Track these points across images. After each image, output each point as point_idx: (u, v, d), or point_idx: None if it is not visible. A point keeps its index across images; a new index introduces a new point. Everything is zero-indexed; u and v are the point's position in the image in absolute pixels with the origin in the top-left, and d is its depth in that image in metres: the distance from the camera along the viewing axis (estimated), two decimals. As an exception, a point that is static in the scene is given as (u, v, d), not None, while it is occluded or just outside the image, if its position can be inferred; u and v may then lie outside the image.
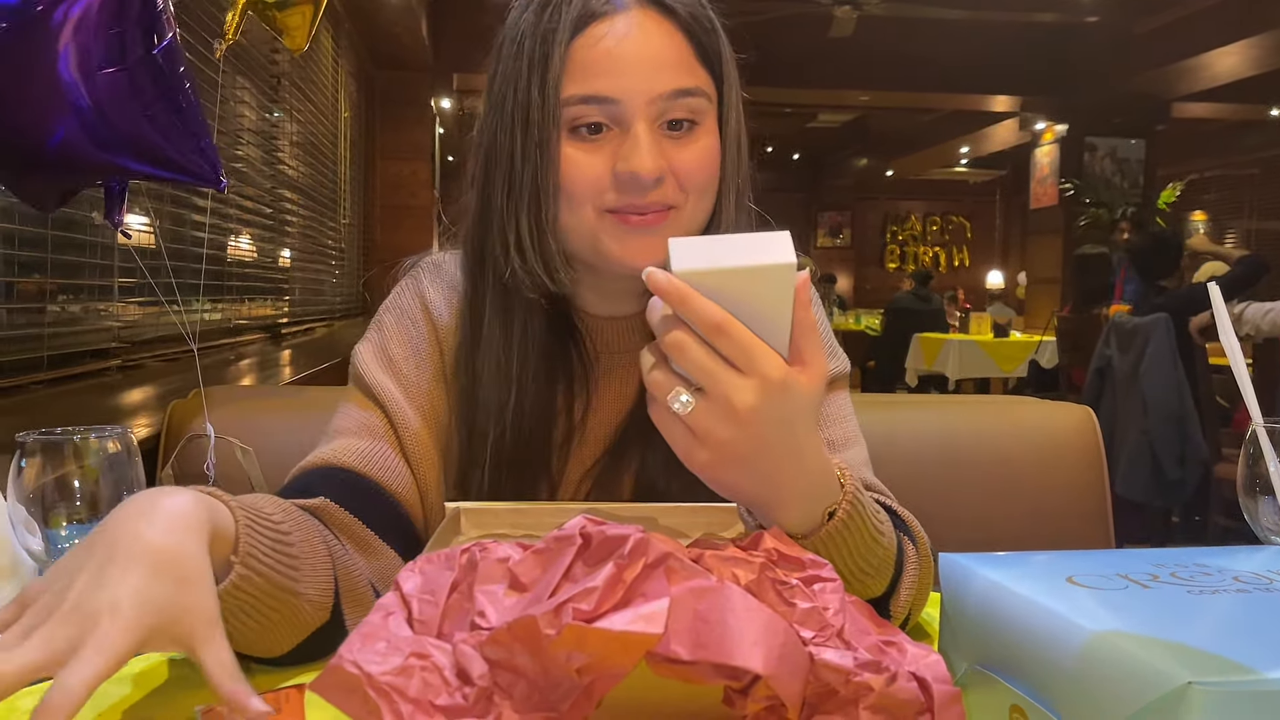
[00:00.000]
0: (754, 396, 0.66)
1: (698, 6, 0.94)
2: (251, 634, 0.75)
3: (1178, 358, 4.08)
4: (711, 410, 0.67)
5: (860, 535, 0.76)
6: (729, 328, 0.65)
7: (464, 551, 0.59)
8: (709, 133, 0.94)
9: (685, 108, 0.91)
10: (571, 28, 0.89)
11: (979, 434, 1.59)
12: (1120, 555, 0.69)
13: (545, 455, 0.99)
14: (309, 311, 5.19)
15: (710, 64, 0.94)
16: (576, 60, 0.89)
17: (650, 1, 0.91)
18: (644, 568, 0.53)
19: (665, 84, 0.89)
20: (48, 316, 2.20)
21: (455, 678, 0.52)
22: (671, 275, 0.65)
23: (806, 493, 0.73)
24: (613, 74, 0.89)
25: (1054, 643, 0.56)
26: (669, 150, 0.91)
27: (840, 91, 10.04)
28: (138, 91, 1.12)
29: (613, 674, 0.51)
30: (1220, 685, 0.47)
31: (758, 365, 0.66)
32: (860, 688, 0.53)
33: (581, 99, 0.89)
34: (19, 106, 1.09)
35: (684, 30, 0.92)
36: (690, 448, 0.69)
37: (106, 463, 0.85)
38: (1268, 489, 0.91)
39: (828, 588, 0.59)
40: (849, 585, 0.74)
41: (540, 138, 0.89)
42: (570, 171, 0.90)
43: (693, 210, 0.94)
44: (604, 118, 0.90)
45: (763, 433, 0.67)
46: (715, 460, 0.69)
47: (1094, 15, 8.33)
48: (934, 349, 8.15)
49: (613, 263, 0.93)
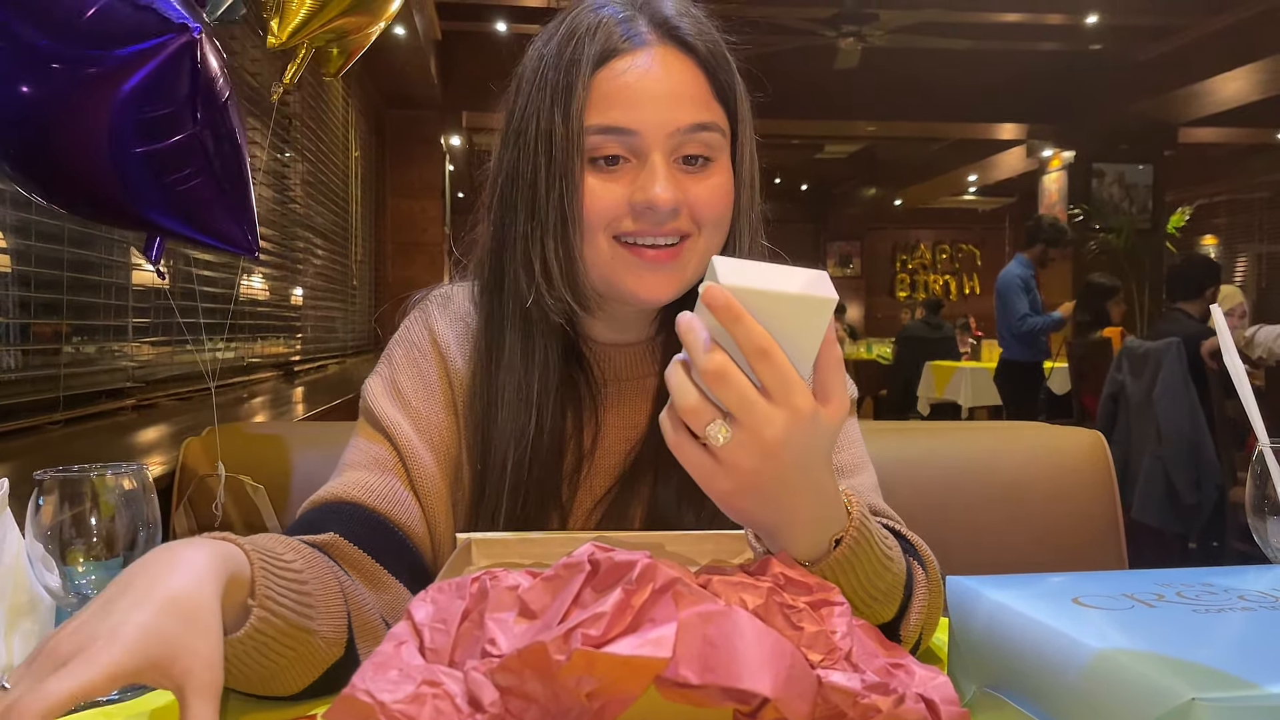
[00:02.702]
0: (784, 429, 0.66)
1: (716, 45, 0.96)
2: (268, 674, 0.76)
3: (1190, 382, 4.07)
4: (742, 442, 0.66)
5: (867, 561, 0.76)
6: (774, 354, 0.65)
7: (475, 580, 0.60)
8: (723, 168, 0.95)
9: (701, 142, 0.93)
10: (595, 61, 0.91)
11: (991, 460, 1.60)
12: (1126, 576, 0.69)
13: (556, 483, 1.00)
14: (321, 349, 5.22)
15: (726, 101, 0.96)
16: (598, 92, 0.91)
17: (671, 38, 0.94)
18: (652, 593, 0.53)
19: (683, 118, 0.91)
20: (63, 357, 2.23)
21: (467, 705, 0.52)
22: (728, 292, 0.65)
23: (816, 521, 0.73)
24: (633, 107, 0.91)
25: (1060, 662, 0.56)
26: (684, 184, 0.93)
27: (847, 123, 10.09)
28: (191, 161, 1.15)
29: (622, 698, 0.51)
30: (1223, 700, 0.48)
31: (792, 397, 0.66)
32: (868, 710, 0.54)
33: (601, 129, 0.91)
34: (67, 152, 1.12)
35: (702, 67, 0.94)
36: (713, 476, 0.69)
37: (122, 500, 0.86)
38: (1276, 510, 0.91)
39: (835, 611, 0.60)
40: (857, 611, 0.74)
41: (564, 166, 0.91)
42: (591, 203, 0.92)
43: (706, 244, 0.95)
44: (622, 149, 0.92)
45: (785, 465, 0.67)
46: (736, 490, 0.69)
47: (1098, 43, 8.37)
48: (946, 377, 8.12)
49: (626, 295, 0.95)
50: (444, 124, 7.59)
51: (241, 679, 0.75)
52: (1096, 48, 8.44)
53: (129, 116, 1.10)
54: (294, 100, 4.20)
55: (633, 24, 0.93)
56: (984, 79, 8.72)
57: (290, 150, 4.23)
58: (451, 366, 1.04)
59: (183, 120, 1.13)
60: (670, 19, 0.94)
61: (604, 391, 1.03)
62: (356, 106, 6.06)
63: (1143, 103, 8.59)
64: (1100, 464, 1.55)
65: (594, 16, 0.93)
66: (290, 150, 4.23)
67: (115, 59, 1.09)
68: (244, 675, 0.74)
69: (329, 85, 5.11)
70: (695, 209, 0.93)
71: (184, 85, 1.12)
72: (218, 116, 1.17)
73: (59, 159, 1.12)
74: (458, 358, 1.04)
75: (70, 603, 0.84)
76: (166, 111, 1.12)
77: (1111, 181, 9.19)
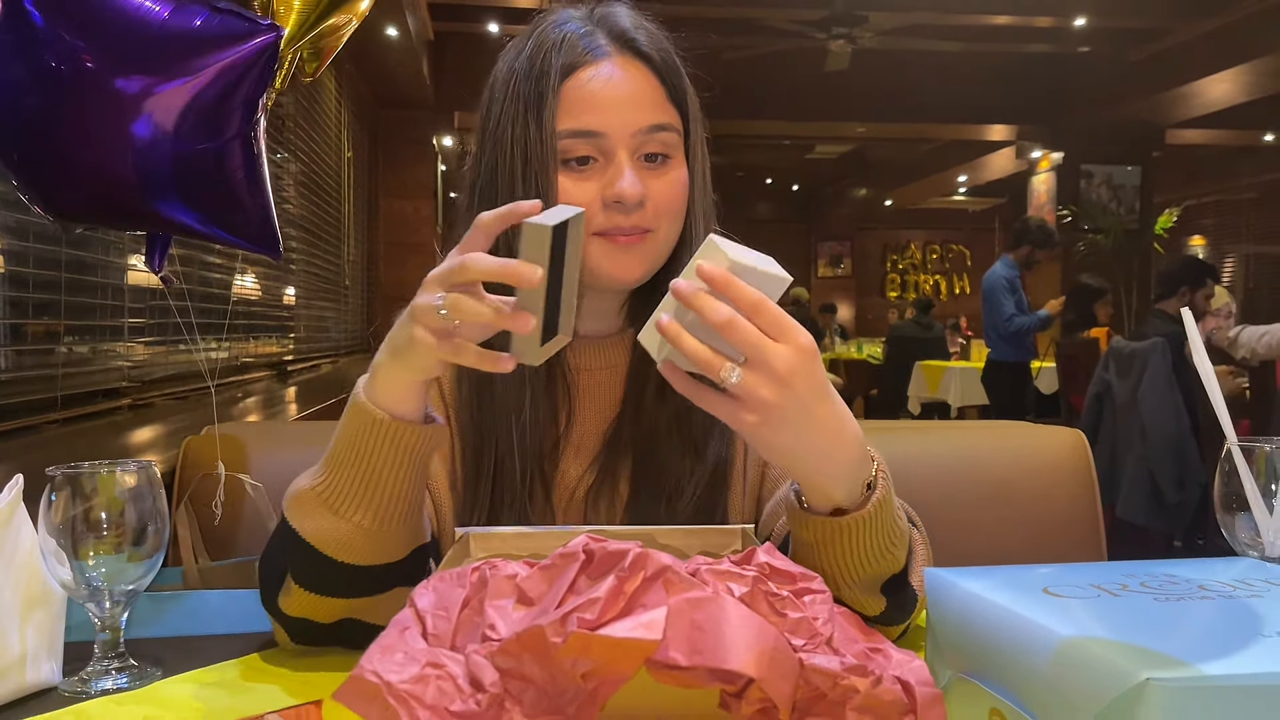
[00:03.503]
0: (791, 360, 0.76)
1: (668, 54, 1.05)
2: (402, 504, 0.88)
3: (1175, 382, 4.12)
4: (756, 375, 0.76)
5: (891, 508, 0.86)
6: (766, 305, 0.76)
7: (475, 570, 0.63)
8: (680, 165, 1.04)
9: (660, 141, 1.02)
10: (562, 72, 1.00)
11: (974, 458, 1.63)
12: (1095, 568, 0.73)
13: (540, 463, 1.06)
14: (314, 349, 5.24)
15: (679, 104, 1.06)
16: (567, 100, 1.00)
17: (628, 49, 1.03)
18: (643, 580, 0.57)
19: (643, 120, 1.01)
20: (60, 357, 2.25)
21: (468, 685, 0.56)
22: (716, 266, 0.76)
23: (851, 465, 0.83)
24: (599, 111, 1.00)
25: (1029, 648, 0.60)
26: (646, 179, 1.01)
27: (837, 123, 10.15)
28: (223, 165, 1.18)
29: (615, 679, 0.54)
30: (1176, 681, 0.51)
31: (791, 335, 0.76)
32: (847, 690, 0.57)
33: (571, 133, 1.00)
34: (91, 153, 1.15)
35: (657, 74, 1.04)
36: (736, 413, 0.78)
37: (131, 495, 0.89)
38: (1244, 505, 0.95)
39: (817, 599, 0.63)
40: (880, 558, 0.86)
41: (540, 168, 1.00)
42: (562, 199, 1.00)
43: (666, 233, 1.04)
44: (591, 150, 1.00)
45: (801, 394, 0.77)
46: (761, 421, 0.78)
47: (1086, 45, 8.43)
48: (936, 376, 8.17)
49: (603, 278, 1.03)
50: (436, 124, 7.61)
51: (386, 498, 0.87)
52: (1085, 50, 8.51)
53: (169, 123, 1.14)
54: (287, 101, 4.22)
55: (593, 38, 1.02)
56: (973, 81, 8.78)
57: (283, 151, 4.26)
58: None
59: (247, 117, 1.17)
60: (626, 32, 1.03)
61: (576, 379, 1.10)
62: (349, 107, 6.09)
63: (1131, 104, 8.66)
64: (1081, 462, 1.58)
65: (558, 32, 1.02)
66: (283, 151, 4.26)
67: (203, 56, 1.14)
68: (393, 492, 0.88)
69: (322, 86, 5.13)
70: (657, 202, 1.02)
71: (259, 85, 1.17)
72: (258, 114, 1.21)
73: (74, 155, 1.15)
74: None
75: (81, 594, 0.87)
76: (236, 108, 1.16)
77: (1100, 182, 9.25)
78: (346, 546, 0.88)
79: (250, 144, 1.18)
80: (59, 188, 1.18)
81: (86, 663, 0.88)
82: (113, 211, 1.21)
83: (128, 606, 0.89)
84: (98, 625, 0.88)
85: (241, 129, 1.17)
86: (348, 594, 0.91)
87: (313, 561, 0.89)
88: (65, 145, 1.13)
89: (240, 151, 1.18)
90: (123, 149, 1.12)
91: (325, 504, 0.88)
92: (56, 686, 0.87)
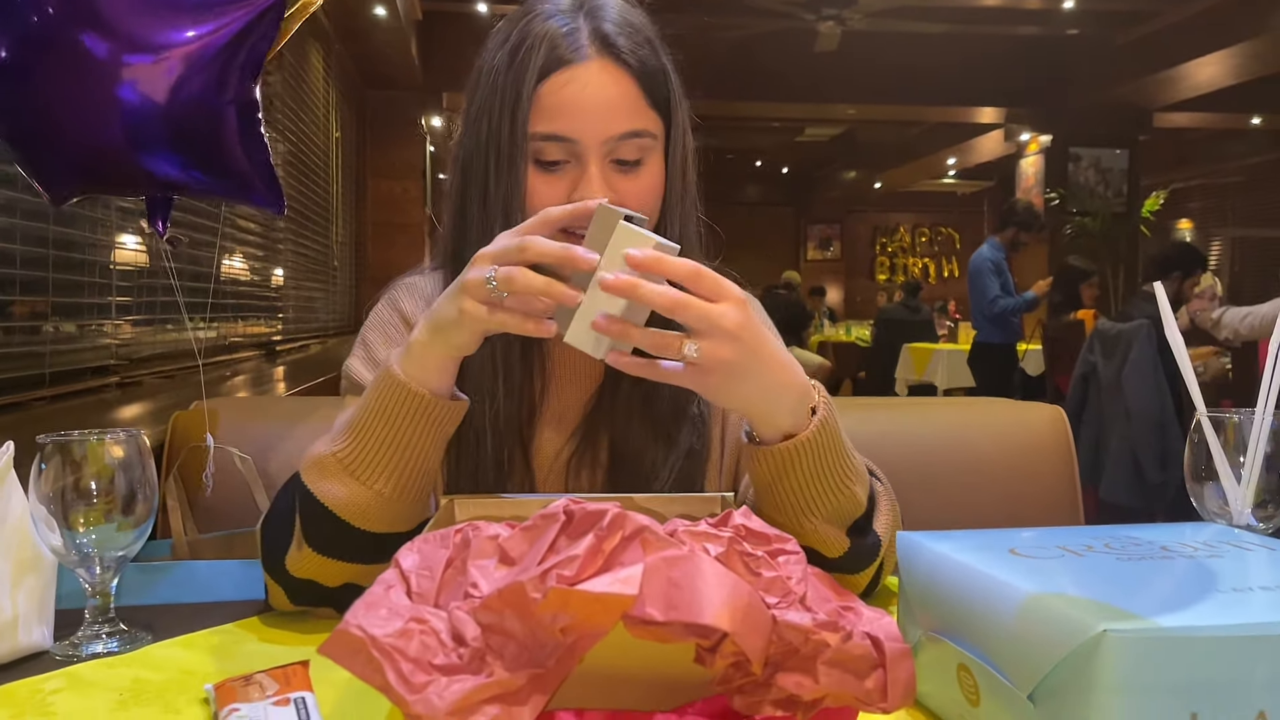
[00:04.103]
0: (736, 314, 0.82)
1: (651, 57, 1.05)
2: (423, 479, 0.93)
3: (1159, 363, 4.15)
4: (711, 342, 0.82)
5: (836, 429, 0.92)
6: (702, 271, 0.82)
7: (458, 531, 0.65)
8: (654, 167, 1.06)
9: (634, 147, 1.03)
10: (539, 73, 1.01)
11: (956, 435, 1.65)
12: (1062, 531, 0.75)
13: (517, 433, 1.09)
14: (303, 329, 5.24)
15: (659, 105, 1.06)
16: (542, 102, 1.01)
17: (608, 53, 1.02)
18: (621, 539, 0.58)
19: (617, 127, 1.02)
20: (48, 335, 2.26)
21: (451, 640, 0.57)
22: (643, 250, 0.81)
23: (797, 390, 0.90)
24: (572, 117, 1.01)
25: (994, 604, 0.62)
26: (618, 183, 1.03)
27: (827, 105, 10.14)
28: (250, 114, 1.20)
29: (594, 633, 0.56)
30: (1132, 633, 0.53)
31: (726, 290, 0.83)
32: (818, 645, 0.59)
33: (544, 137, 1.01)
34: (79, 116, 1.16)
35: (636, 78, 1.03)
36: (701, 378, 0.85)
37: (120, 464, 0.90)
38: (1213, 475, 0.97)
39: (791, 560, 0.65)
40: (838, 489, 0.91)
41: (511, 164, 1.02)
42: (534, 200, 1.02)
43: None
44: (563, 154, 1.02)
45: (750, 342, 0.83)
46: (724, 379, 0.85)
47: (1075, 28, 8.43)
48: (924, 359, 8.21)
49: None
50: (425, 105, 7.58)
51: (411, 471, 0.92)
52: (1073, 32, 8.51)
53: (170, 80, 1.15)
54: (275, 80, 4.21)
55: (575, 36, 1.02)
56: (962, 63, 8.77)
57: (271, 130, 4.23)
58: None
59: (253, 74, 1.19)
60: (609, 35, 1.03)
61: (552, 349, 1.12)
62: (337, 87, 6.07)
63: (1118, 87, 8.67)
64: (1061, 437, 1.61)
65: (543, 26, 1.02)
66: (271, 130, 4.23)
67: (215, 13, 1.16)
68: (417, 464, 0.92)
69: (309, 66, 5.12)
70: (628, 204, 1.02)
71: (267, 42, 1.18)
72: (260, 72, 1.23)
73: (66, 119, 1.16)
74: None
75: (72, 560, 0.88)
76: (240, 66, 1.17)
77: (1087, 165, 9.27)
78: (364, 512, 0.92)
79: (253, 101, 1.20)
80: (50, 153, 1.18)
81: (77, 629, 0.90)
82: (111, 175, 1.21)
83: (118, 572, 0.91)
84: (88, 591, 0.90)
85: (245, 86, 1.18)
86: (356, 559, 0.93)
87: (328, 524, 0.92)
88: (54, 109, 1.14)
89: (243, 108, 1.19)
90: (111, 109, 1.13)
91: (347, 469, 0.91)
92: (48, 650, 0.89)
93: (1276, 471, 0.96)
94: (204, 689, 0.77)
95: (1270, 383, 0.93)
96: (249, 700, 0.72)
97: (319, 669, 0.76)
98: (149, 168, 1.19)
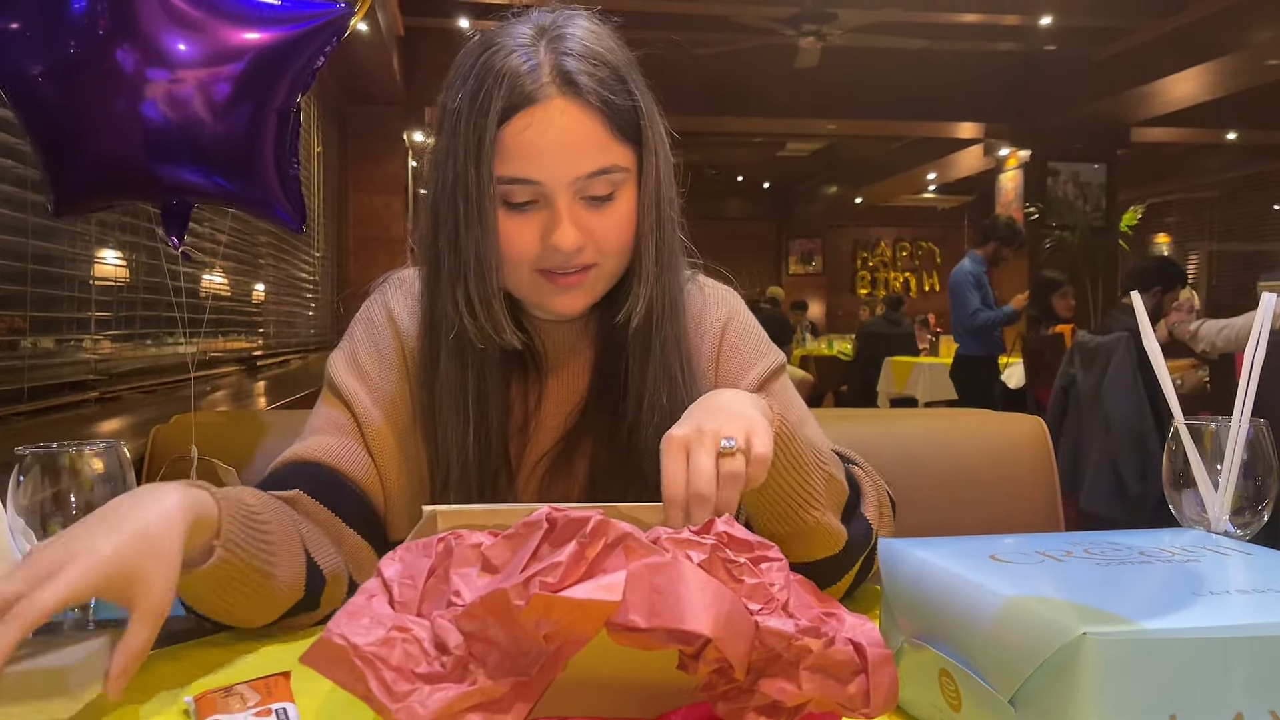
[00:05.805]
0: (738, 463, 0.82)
1: (618, 88, 1.01)
2: (232, 607, 0.90)
3: (1139, 376, 4.18)
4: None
5: (798, 443, 0.94)
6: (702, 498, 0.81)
7: (440, 540, 0.65)
8: (626, 200, 1.03)
9: (604, 183, 1.01)
10: (500, 115, 0.97)
11: (937, 446, 1.66)
12: (1042, 537, 0.75)
13: (503, 444, 1.09)
14: (283, 344, 5.22)
15: (628, 136, 1.02)
16: (505, 146, 0.98)
17: (570, 91, 0.98)
18: (604, 546, 0.59)
19: (583, 167, 0.99)
20: (26, 350, 2.24)
21: (434, 648, 0.57)
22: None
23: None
24: (536, 160, 0.98)
25: (975, 609, 0.62)
26: (588, 220, 1.01)
27: (808, 121, 10.19)
28: (260, 134, 1.20)
29: (577, 640, 0.56)
30: (1112, 635, 0.54)
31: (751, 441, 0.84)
32: (801, 650, 0.59)
33: (510, 180, 0.99)
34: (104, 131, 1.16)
35: (600, 114, 0.99)
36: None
37: (100, 476, 0.90)
38: (1190, 482, 0.98)
39: (774, 566, 0.65)
40: (811, 472, 0.95)
41: (479, 210, 0.99)
42: (505, 243, 1.01)
43: (612, 266, 1.06)
44: (531, 195, 1.00)
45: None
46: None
47: (1052, 44, 8.51)
48: (905, 372, 8.24)
49: (548, 309, 1.08)
50: (407, 120, 7.59)
51: (208, 607, 0.91)
52: (1051, 48, 8.59)
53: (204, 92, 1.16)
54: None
55: (537, 74, 0.98)
56: (942, 78, 8.85)
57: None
58: (406, 339, 1.14)
59: (301, 89, 1.19)
60: (571, 72, 0.98)
61: (545, 360, 1.12)
62: (318, 102, 6.06)
63: (1097, 103, 8.75)
64: (1041, 448, 1.62)
65: (503, 63, 0.98)
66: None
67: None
68: (209, 604, 0.89)
69: (291, 80, 5.10)
70: (598, 240, 1.02)
71: (322, 56, 1.19)
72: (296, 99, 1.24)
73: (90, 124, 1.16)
74: (411, 331, 1.14)
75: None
76: (289, 81, 1.18)
77: (1066, 180, 9.35)
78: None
79: (294, 113, 1.21)
80: (73, 159, 1.19)
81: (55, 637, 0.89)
82: (141, 182, 1.22)
83: (97, 585, 0.90)
84: (67, 604, 0.89)
85: (291, 97, 1.18)
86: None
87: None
88: (77, 117, 1.15)
89: (283, 118, 1.20)
90: (134, 120, 1.14)
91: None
92: (26, 664, 0.87)
93: (1253, 479, 0.97)
94: (184, 701, 0.77)
95: (1246, 390, 0.94)
96: (230, 712, 0.72)
97: (300, 680, 0.76)
98: (171, 174, 1.19)
